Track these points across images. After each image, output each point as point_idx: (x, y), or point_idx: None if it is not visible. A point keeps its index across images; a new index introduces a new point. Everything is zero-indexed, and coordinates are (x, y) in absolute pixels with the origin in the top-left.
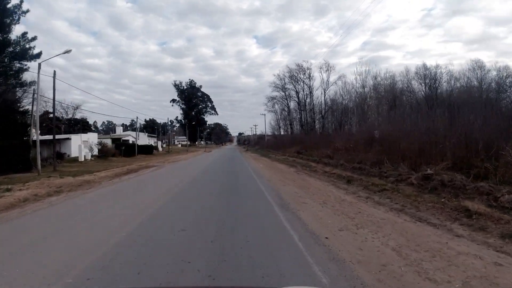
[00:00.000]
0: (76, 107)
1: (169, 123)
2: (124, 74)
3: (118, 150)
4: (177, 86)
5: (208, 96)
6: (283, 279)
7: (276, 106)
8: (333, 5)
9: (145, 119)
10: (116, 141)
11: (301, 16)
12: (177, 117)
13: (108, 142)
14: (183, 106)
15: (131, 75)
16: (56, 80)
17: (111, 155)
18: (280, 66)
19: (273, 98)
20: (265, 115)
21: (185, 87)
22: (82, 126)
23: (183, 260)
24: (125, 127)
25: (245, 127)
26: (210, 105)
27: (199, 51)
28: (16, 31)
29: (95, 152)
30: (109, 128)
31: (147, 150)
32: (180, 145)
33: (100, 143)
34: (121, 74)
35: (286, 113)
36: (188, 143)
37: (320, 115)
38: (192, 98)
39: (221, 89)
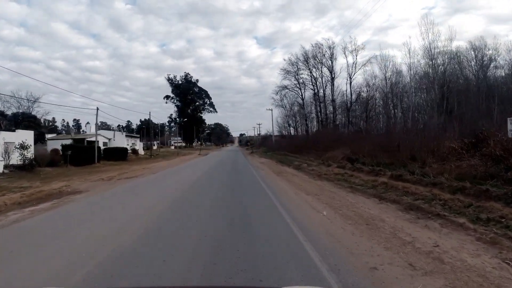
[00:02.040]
0: (34, 100)
1: (167, 123)
2: (125, 76)
3: (64, 156)
4: (171, 80)
5: (206, 92)
6: None
7: (285, 100)
8: (333, 5)
9: (140, 119)
10: (79, 142)
11: (302, 15)
12: (171, 115)
13: (56, 144)
14: (177, 103)
15: (132, 77)
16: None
17: (47, 163)
18: (281, 66)
19: (284, 87)
20: (272, 110)
21: (180, 82)
22: (28, 122)
23: None
24: (121, 129)
25: (247, 128)
26: (208, 102)
27: (200, 52)
28: None
29: (16, 160)
30: (102, 129)
31: (119, 154)
32: (173, 147)
33: (22, 146)
34: (122, 77)
35: (300, 106)
36: (183, 144)
37: (345, 106)
38: (188, 94)
39: (222, 90)
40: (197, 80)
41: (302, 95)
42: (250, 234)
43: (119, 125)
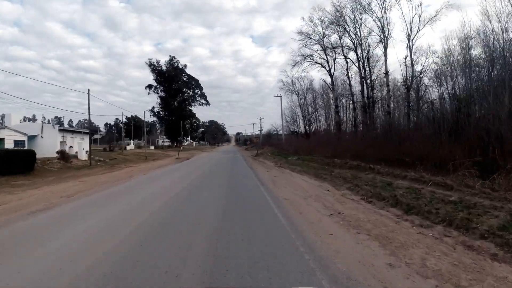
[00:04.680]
0: None
1: (158, 121)
2: (120, 76)
3: None
4: (153, 66)
5: (196, 81)
6: None
7: (297, 84)
8: (329, 2)
9: (126, 116)
10: None
11: (298, 13)
12: (153, 107)
13: None
14: (161, 94)
15: (128, 76)
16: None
17: None
18: (277, 65)
19: (305, 57)
20: (281, 96)
21: (164, 68)
22: None
23: None
24: (110, 127)
25: (244, 127)
26: (199, 93)
27: (195, 51)
28: None
29: None
30: (86, 128)
31: (16, 162)
32: (153, 147)
33: None
34: (117, 76)
35: (327, 88)
36: (165, 143)
37: (404, 86)
38: (174, 82)
39: (219, 90)
40: (185, 66)
41: (330, 70)
42: None
43: (106, 123)
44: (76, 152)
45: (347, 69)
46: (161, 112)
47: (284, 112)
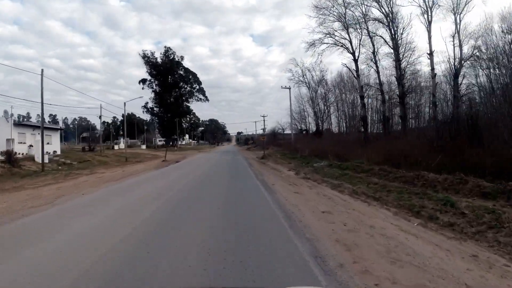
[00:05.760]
0: None
1: (156, 119)
2: (120, 75)
3: None
4: (147, 58)
5: (194, 74)
6: None
7: (308, 74)
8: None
9: (122, 114)
10: None
11: (298, 12)
12: (147, 103)
13: None
14: (156, 88)
15: (128, 75)
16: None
17: None
18: (276, 65)
19: (324, 36)
20: (290, 88)
21: (159, 61)
22: None
23: None
24: (107, 125)
25: (245, 125)
26: (197, 88)
27: (195, 50)
28: None
29: None
30: (81, 126)
31: None
32: (144, 147)
33: None
34: (117, 75)
35: (345, 79)
36: (160, 142)
37: (452, 69)
38: (169, 76)
39: (218, 89)
40: (181, 58)
41: (354, 53)
42: None
43: (104, 122)
44: (19, 154)
45: (373, 52)
46: (155, 109)
47: (291, 109)
